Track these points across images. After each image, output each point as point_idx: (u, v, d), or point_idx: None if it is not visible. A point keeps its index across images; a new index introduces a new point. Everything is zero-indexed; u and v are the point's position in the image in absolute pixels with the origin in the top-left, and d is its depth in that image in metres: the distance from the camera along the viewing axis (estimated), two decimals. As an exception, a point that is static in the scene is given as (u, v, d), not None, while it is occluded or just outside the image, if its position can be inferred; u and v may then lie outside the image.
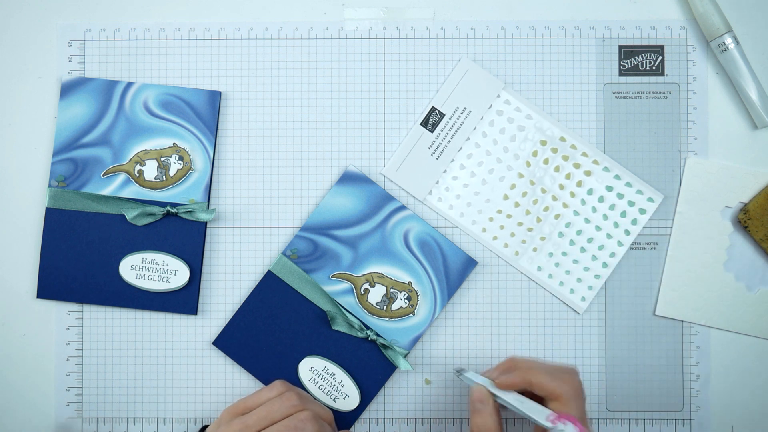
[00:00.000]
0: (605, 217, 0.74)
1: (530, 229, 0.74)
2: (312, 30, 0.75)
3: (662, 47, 0.75)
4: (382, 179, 0.75)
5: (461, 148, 0.74)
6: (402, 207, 0.74)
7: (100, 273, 0.73)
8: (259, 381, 0.73)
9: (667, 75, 0.75)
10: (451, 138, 0.74)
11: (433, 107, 0.74)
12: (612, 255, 0.74)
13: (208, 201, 0.74)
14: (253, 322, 0.73)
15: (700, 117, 0.75)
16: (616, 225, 0.74)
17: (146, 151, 0.74)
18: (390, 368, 0.73)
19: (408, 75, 0.75)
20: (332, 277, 0.73)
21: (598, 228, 0.74)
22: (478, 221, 0.74)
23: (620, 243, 0.74)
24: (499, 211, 0.74)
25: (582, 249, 0.74)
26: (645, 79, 0.75)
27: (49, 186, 0.74)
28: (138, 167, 0.74)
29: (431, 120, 0.74)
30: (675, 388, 0.74)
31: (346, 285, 0.73)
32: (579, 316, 0.74)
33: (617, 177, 0.74)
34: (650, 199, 0.74)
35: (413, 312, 0.73)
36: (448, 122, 0.74)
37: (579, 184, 0.74)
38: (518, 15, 0.75)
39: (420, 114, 0.75)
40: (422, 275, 0.73)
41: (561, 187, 0.74)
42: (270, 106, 0.75)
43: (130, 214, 0.72)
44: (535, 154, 0.74)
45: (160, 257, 0.73)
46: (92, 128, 0.74)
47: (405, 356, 0.73)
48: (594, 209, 0.74)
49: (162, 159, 0.74)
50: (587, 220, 0.74)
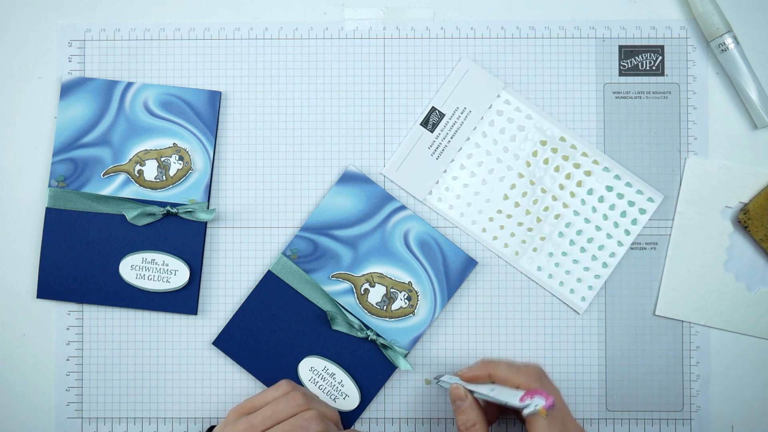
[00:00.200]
0: (605, 217, 0.74)
1: (530, 229, 0.74)
2: (312, 30, 0.75)
3: (662, 47, 0.75)
4: (382, 179, 0.75)
5: (461, 148, 0.74)
6: (402, 207, 0.74)
7: (100, 273, 0.73)
8: (259, 381, 0.73)
9: (667, 75, 0.75)
10: (451, 138, 0.74)
11: (433, 107, 0.74)
12: (612, 255, 0.74)
13: (208, 201, 0.74)
14: (253, 322, 0.73)
15: (700, 117, 0.74)
16: (616, 225, 0.74)
17: (146, 151, 0.74)
18: (390, 368, 0.73)
19: (408, 75, 0.75)
20: (332, 277, 0.73)
21: (598, 228, 0.74)
22: (478, 221, 0.74)
23: (620, 243, 0.74)
24: (499, 211, 0.74)
25: (582, 249, 0.74)
26: (645, 79, 0.75)
27: (49, 186, 0.74)
28: (138, 167, 0.74)
29: (431, 120, 0.74)
30: (675, 388, 0.74)
31: (346, 285, 0.73)
32: (579, 316, 0.74)
33: (617, 177, 0.74)
34: (650, 199, 0.74)
35: (413, 312, 0.73)
36: (448, 122, 0.74)
37: (579, 184, 0.74)
38: (518, 15, 0.75)
39: (420, 114, 0.75)
40: (422, 275, 0.73)
41: (561, 187, 0.74)
42: (270, 106, 0.75)
43: (130, 214, 0.72)
44: (535, 154, 0.74)
45: (160, 257, 0.73)
46: (92, 128, 0.74)
47: (405, 356, 0.73)
48: (594, 209, 0.74)
49: (162, 159, 0.74)
50: (587, 220, 0.74)
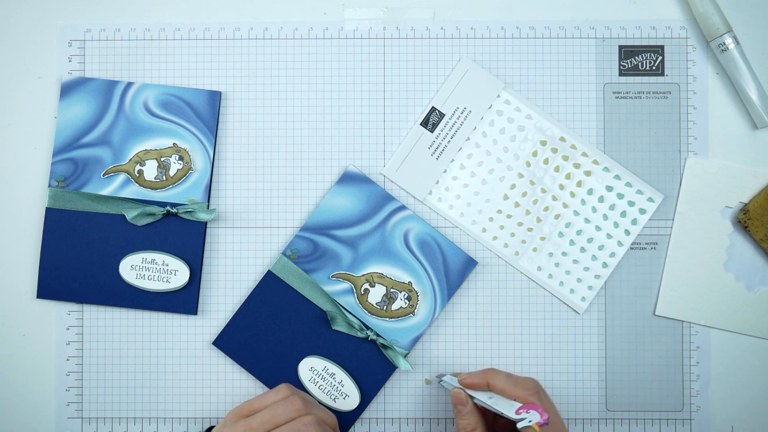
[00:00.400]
0: (605, 217, 0.74)
1: (530, 229, 0.74)
2: (312, 30, 0.75)
3: (662, 47, 0.75)
4: (382, 179, 0.75)
5: (461, 148, 0.74)
6: (402, 207, 0.74)
7: (100, 273, 0.73)
8: (259, 381, 0.73)
9: (667, 75, 0.75)
10: (451, 138, 0.74)
11: (433, 107, 0.74)
12: (612, 255, 0.74)
13: (208, 201, 0.74)
14: (253, 322, 0.73)
15: (700, 117, 0.74)
16: (616, 225, 0.74)
17: (146, 151, 0.74)
18: (390, 368, 0.73)
19: (408, 75, 0.75)
20: (332, 277, 0.73)
21: (598, 228, 0.74)
22: (478, 221, 0.74)
23: (620, 243, 0.74)
24: (499, 211, 0.74)
25: (582, 249, 0.74)
26: (645, 79, 0.75)
27: (49, 186, 0.74)
28: (138, 167, 0.74)
29: (431, 120, 0.74)
30: (675, 388, 0.74)
31: (346, 285, 0.73)
32: (579, 316, 0.74)
33: (617, 177, 0.74)
34: (650, 199, 0.74)
35: (413, 312, 0.73)
36: (448, 122, 0.74)
37: (579, 184, 0.74)
38: (518, 15, 0.75)
39: (420, 114, 0.75)
40: (422, 275, 0.73)
41: (561, 187, 0.74)
42: (270, 106, 0.75)
43: (130, 214, 0.72)
44: (535, 154, 0.74)
45: (160, 257, 0.73)
46: (92, 128, 0.74)
47: (405, 356, 0.73)
48: (594, 209, 0.74)
49: (162, 159, 0.74)
50: (587, 220, 0.74)
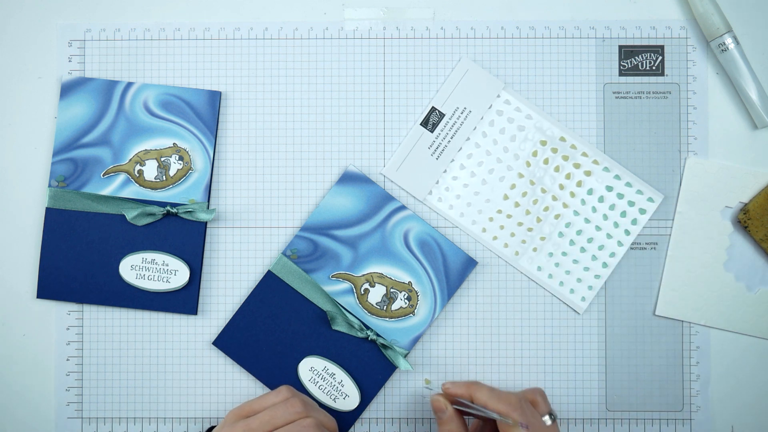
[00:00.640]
0: (605, 217, 0.74)
1: (530, 229, 0.74)
2: (312, 30, 0.75)
3: (662, 47, 0.75)
4: (382, 179, 0.75)
5: (461, 148, 0.74)
6: (402, 207, 0.74)
7: (100, 273, 0.73)
8: (259, 381, 0.73)
9: (667, 75, 0.75)
10: (451, 138, 0.74)
11: (433, 107, 0.74)
12: (612, 255, 0.74)
13: (208, 201, 0.74)
14: (253, 322, 0.73)
15: (700, 117, 0.74)
16: (616, 225, 0.74)
17: (146, 151, 0.74)
18: (390, 368, 0.73)
19: (408, 75, 0.75)
20: (332, 277, 0.73)
21: (598, 228, 0.74)
22: (478, 221, 0.74)
23: (620, 243, 0.74)
24: (499, 211, 0.74)
25: (582, 249, 0.74)
26: (645, 79, 0.75)
27: (49, 186, 0.74)
28: (138, 167, 0.74)
29: (431, 120, 0.74)
30: (675, 388, 0.74)
31: (346, 285, 0.73)
32: (579, 316, 0.74)
33: (617, 177, 0.74)
34: (650, 199, 0.74)
35: (413, 312, 0.73)
36: (448, 122, 0.74)
37: (579, 184, 0.74)
38: (518, 15, 0.75)
39: (420, 114, 0.75)
40: (422, 275, 0.73)
41: (561, 187, 0.74)
42: (270, 106, 0.75)
43: (130, 214, 0.72)
44: (535, 154, 0.74)
45: (160, 257, 0.73)
46: (92, 128, 0.74)
47: (405, 356, 0.73)
48: (594, 209, 0.74)
49: (162, 159, 0.74)
50: (587, 220, 0.74)
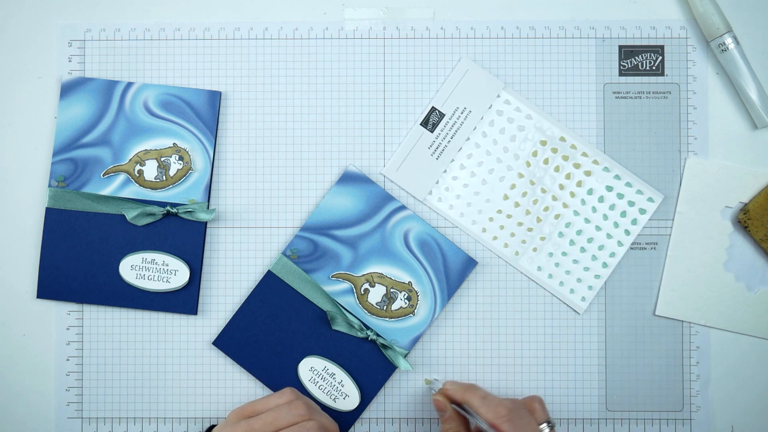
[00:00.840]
0: (605, 217, 0.74)
1: (530, 229, 0.74)
2: (312, 30, 0.75)
3: (662, 47, 0.75)
4: (382, 179, 0.75)
5: (461, 148, 0.74)
6: (402, 207, 0.74)
7: (100, 273, 0.73)
8: (259, 381, 0.73)
9: (667, 75, 0.75)
10: (451, 138, 0.74)
11: (433, 107, 0.74)
12: (612, 255, 0.74)
13: (208, 201, 0.74)
14: (253, 322, 0.73)
15: (700, 117, 0.74)
16: (616, 225, 0.74)
17: (146, 151, 0.74)
18: (390, 368, 0.73)
19: (408, 75, 0.75)
20: (332, 277, 0.73)
21: (598, 228, 0.74)
22: (478, 221, 0.74)
23: (620, 243, 0.74)
24: (499, 211, 0.74)
25: (582, 249, 0.74)
26: (645, 79, 0.75)
27: (49, 186, 0.74)
28: (138, 167, 0.74)
29: (431, 120, 0.74)
30: (675, 388, 0.74)
31: (346, 285, 0.73)
32: (579, 316, 0.74)
33: (617, 177, 0.74)
34: (650, 199, 0.74)
35: (413, 312, 0.73)
36: (448, 122, 0.74)
37: (579, 184, 0.74)
38: (518, 15, 0.75)
39: (420, 114, 0.75)
40: (422, 275, 0.73)
41: (561, 187, 0.74)
42: (270, 106, 0.75)
43: (130, 214, 0.72)
44: (535, 154, 0.74)
45: (160, 257, 0.73)
46: (92, 128, 0.74)
47: (405, 356, 0.73)
48: (594, 209, 0.74)
49: (162, 159, 0.74)
50: (587, 220, 0.74)
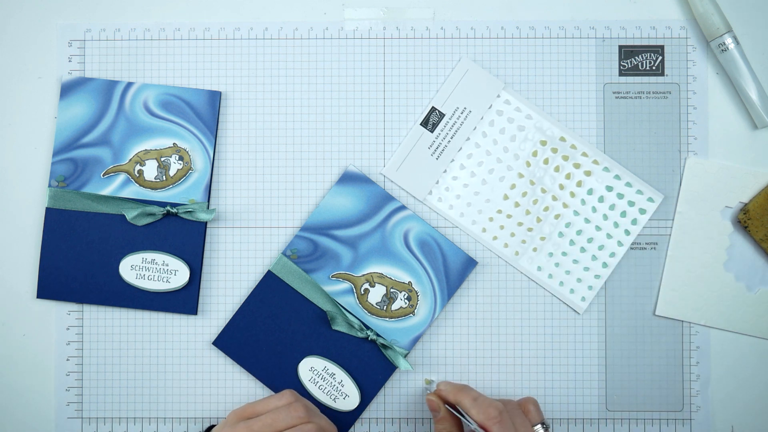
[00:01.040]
0: (605, 217, 0.74)
1: (530, 229, 0.74)
2: (312, 30, 0.75)
3: (662, 47, 0.75)
4: (382, 179, 0.75)
5: (461, 148, 0.74)
6: (402, 207, 0.74)
7: (100, 273, 0.73)
8: (259, 381, 0.73)
9: (667, 75, 0.75)
10: (451, 138, 0.74)
11: (433, 107, 0.74)
12: (612, 255, 0.74)
13: (208, 201, 0.74)
14: (253, 322, 0.73)
15: (700, 117, 0.74)
16: (616, 225, 0.74)
17: (146, 151, 0.74)
18: (390, 368, 0.73)
19: (408, 75, 0.75)
20: (332, 277, 0.73)
21: (598, 228, 0.74)
22: (478, 221, 0.74)
23: (620, 243, 0.74)
24: (499, 211, 0.74)
25: (582, 249, 0.74)
26: (645, 79, 0.75)
27: (49, 186, 0.74)
28: (138, 167, 0.74)
29: (431, 120, 0.74)
30: (675, 388, 0.74)
31: (346, 285, 0.73)
32: (579, 316, 0.74)
33: (617, 177, 0.74)
34: (650, 199, 0.74)
35: (413, 312, 0.73)
36: (448, 122, 0.74)
37: (579, 184, 0.74)
38: (518, 15, 0.75)
39: (420, 114, 0.75)
40: (422, 275, 0.73)
41: (561, 187, 0.74)
42: (270, 106, 0.75)
43: (130, 214, 0.72)
44: (535, 154, 0.74)
45: (160, 257, 0.73)
46: (92, 128, 0.74)
47: (405, 356, 0.73)
48: (594, 209, 0.74)
49: (162, 159, 0.74)
50: (587, 220, 0.74)
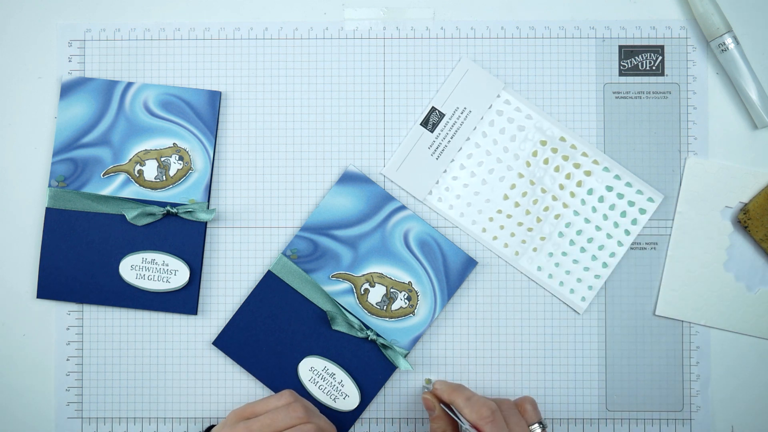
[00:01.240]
0: (605, 217, 0.74)
1: (530, 229, 0.74)
2: (312, 30, 0.75)
3: (662, 47, 0.75)
4: (382, 179, 0.75)
5: (461, 148, 0.74)
6: (402, 207, 0.74)
7: (100, 273, 0.73)
8: (259, 381, 0.73)
9: (667, 75, 0.75)
10: (451, 138, 0.74)
11: (433, 107, 0.74)
12: (612, 255, 0.74)
13: (208, 201, 0.74)
14: (253, 322, 0.73)
15: (700, 117, 0.74)
16: (616, 225, 0.74)
17: (146, 151, 0.74)
18: (390, 368, 0.73)
19: (408, 75, 0.75)
20: (332, 277, 0.73)
21: (598, 228, 0.74)
22: (478, 221, 0.74)
23: (620, 243, 0.74)
24: (499, 211, 0.74)
25: (582, 249, 0.74)
26: (645, 79, 0.75)
27: (49, 186, 0.74)
28: (138, 167, 0.74)
29: (431, 120, 0.74)
30: (675, 388, 0.74)
31: (346, 285, 0.73)
32: (579, 316, 0.74)
33: (617, 177, 0.74)
34: (650, 199, 0.74)
35: (413, 312, 0.73)
36: (448, 122, 0.74)
37: (579, 184, 0.74)
38: (518, 15, 0.75)
39: (420, 114, 0.75)
40: (422, 275, 0.73)
41: (561, 187, 0.74)
42: (270, 106, 0.75)
43: (130, 214, 0.72)
44: (535, 154, 0.74)
45: (160, 257, 0.73)
46: (92, 128, 0.74)
47: (405, 356, 0.73)
48: (594, 209, 0.74)
49: (162, 159, 0.74)
50: (587, 220, 0.74)
